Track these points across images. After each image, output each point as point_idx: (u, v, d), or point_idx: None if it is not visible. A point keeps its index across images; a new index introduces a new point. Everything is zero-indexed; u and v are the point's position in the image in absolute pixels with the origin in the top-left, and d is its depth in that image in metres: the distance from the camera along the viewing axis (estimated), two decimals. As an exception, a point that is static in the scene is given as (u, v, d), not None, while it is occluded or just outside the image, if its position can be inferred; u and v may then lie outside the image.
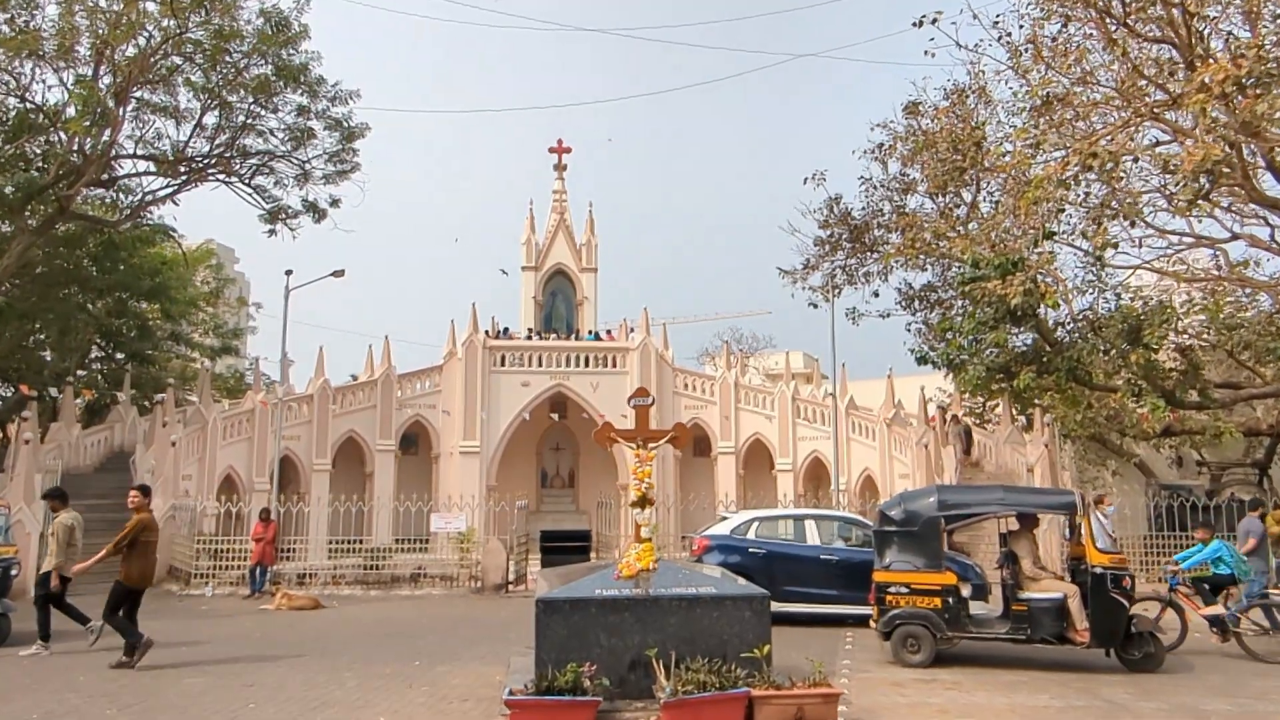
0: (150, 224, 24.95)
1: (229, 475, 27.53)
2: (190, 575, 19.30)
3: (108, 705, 8.32)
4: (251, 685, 9.18)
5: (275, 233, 25.42)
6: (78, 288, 26.33)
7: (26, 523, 18.21)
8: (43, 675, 9.91)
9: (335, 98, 23.45)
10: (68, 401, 24.81)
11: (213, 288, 37.07)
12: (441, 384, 33.32)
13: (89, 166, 20.92)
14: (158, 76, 21.58)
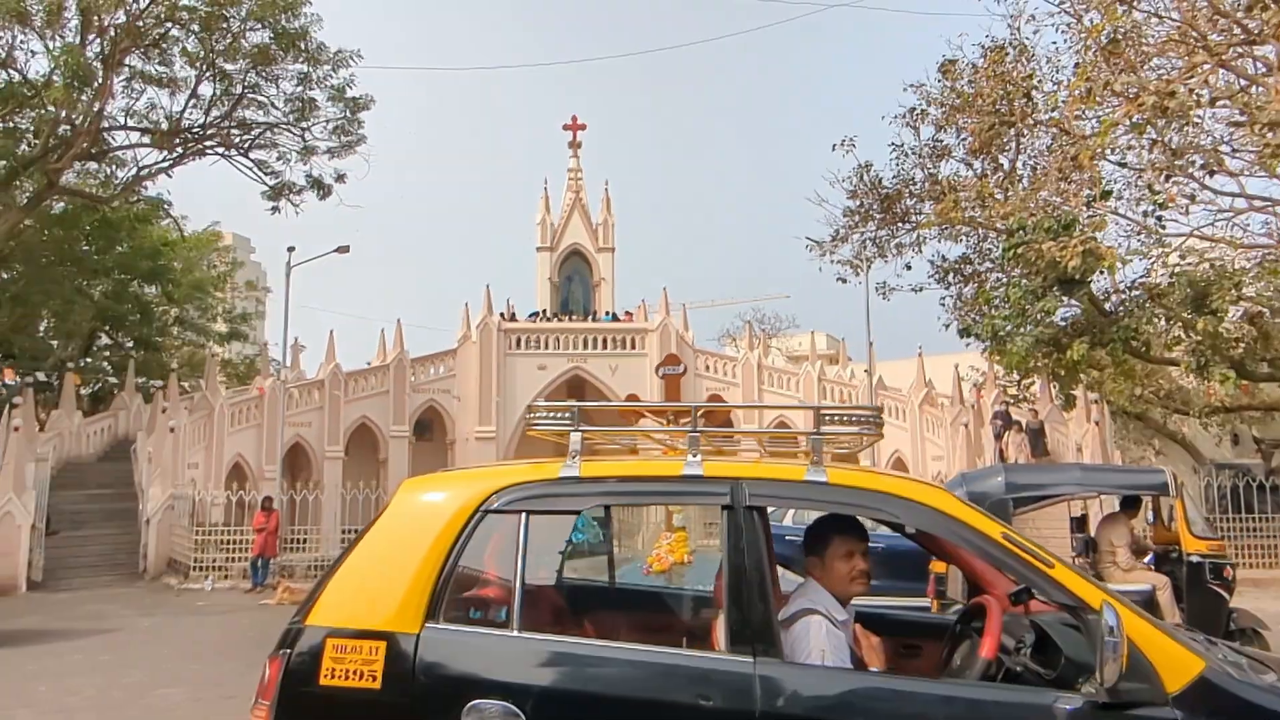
0: (145, 199, 23.90)
1: (237, 463, 26.62)
2: (189, 568, 18.34)
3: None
4: (233, 698, 8.05)
5: (279, 210, 24.31)
6: (74, 269, 25.40)
7: (16, 514, 17.28)
8: (2, 686, 8.86)
9: (337, 63, 22.21)
10: (67, 388, 23.93)
11: (220, 272, 36.14)
12: (456, 368, 32.27)
13: (78, 138, 19.87)
14: (149, 42, 20.43)
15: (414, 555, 2.55)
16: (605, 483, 2.74)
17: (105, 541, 20.29)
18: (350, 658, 2.44)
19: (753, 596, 2.43)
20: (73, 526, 20.04)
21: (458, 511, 2.61)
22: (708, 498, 2.69)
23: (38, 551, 17.98)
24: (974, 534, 2.48)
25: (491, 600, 2.84)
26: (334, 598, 2.61)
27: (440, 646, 2.44)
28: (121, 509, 21.35)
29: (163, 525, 19.81)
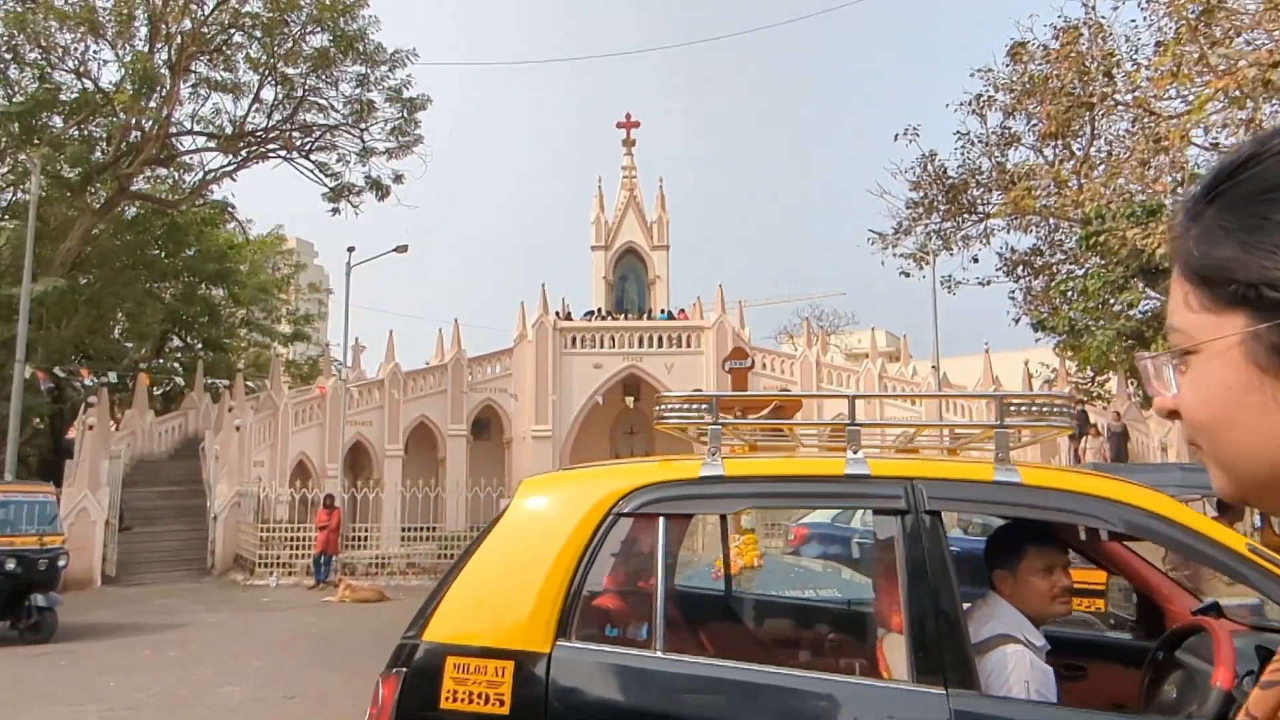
0: (211, 202, 24.47)
1: (301, 461, 27.06)
2: (255, 564, 18.61)
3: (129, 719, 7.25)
4: (294, 698, 7.99)
5: (339, 211, 24.68)
6: (146, 272, 26.16)
7: (91, 510, 17.74)
8: (73, 679, 8.97)
9: (394, 63, 22.38)
10: (140, 388, 24.62)
11: (284, 274, 36.93)
12: (512, 367, 32.31)
13: (148, 144, 20.38)
14: (214, 48, 20.85)
15: (540, 564, 2.27)
16: (754, 483, 2.46)
17: (175, 537, 20.77)
18: (474, 679, 2.19)
19: (941, 619, 2.11)
20: (145, 522, 20.56)
21: (587, 515, 2.33)
22: (877, 500, 2.38)
23: (111, 547, 18.46)
24: (1210, 545, 2.12)
25: (628, 615, 2.56)
26: (453, 611, 2.36)
27: (575, 668, 2.17)
28: (191, 506, 21.84)
29: (229, 522, 20.19)
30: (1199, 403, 0.59)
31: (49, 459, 26.19)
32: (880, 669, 2.37)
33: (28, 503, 12.19)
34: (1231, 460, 0.58)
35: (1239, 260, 0.56)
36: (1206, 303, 0.57)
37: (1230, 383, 0.56)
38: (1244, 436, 0.56)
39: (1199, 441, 0.60)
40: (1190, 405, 0.59)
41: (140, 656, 10.14)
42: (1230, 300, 0.56)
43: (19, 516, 11.92)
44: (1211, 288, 0.57)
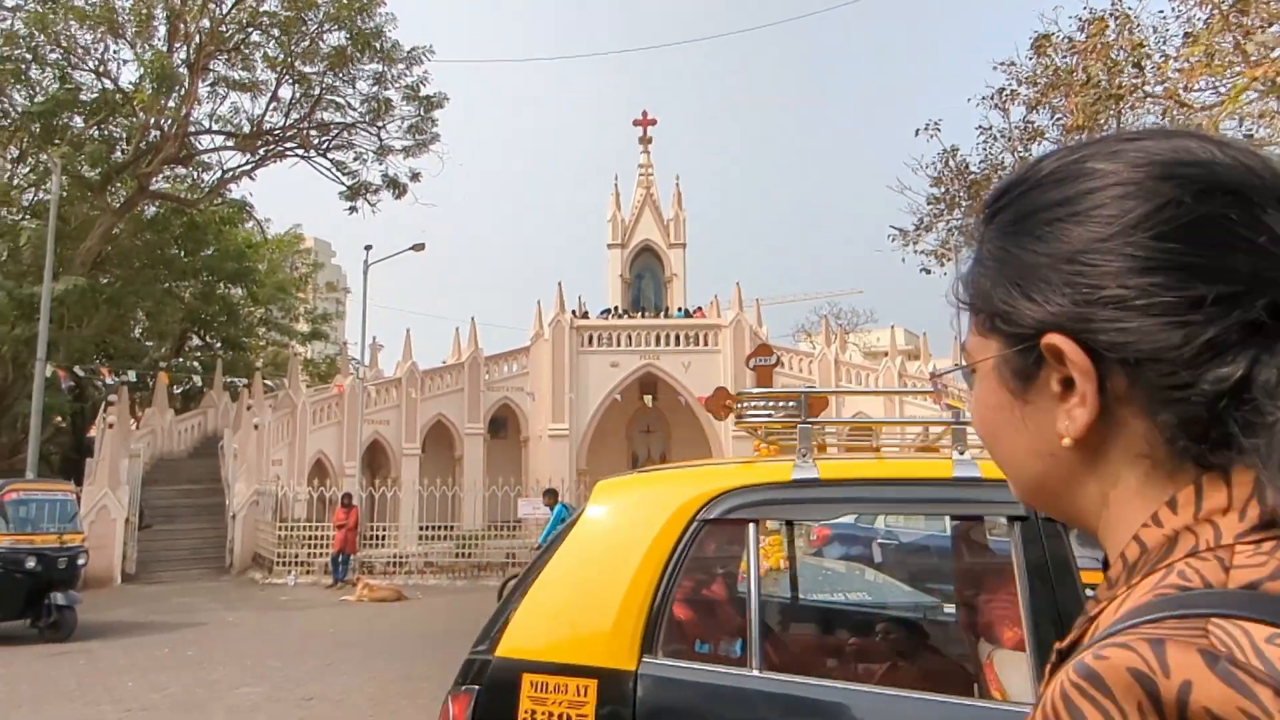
0: (230, 201, 24.54)
1: (319, 459, 27.11)
2: (273, 563, 18.61)
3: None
4: (311, 699, 7.89)
5: (356, 209, 24.67)
6: (165, 271, 26.29)
7: (111, 508, 17.80)
8: (91, 678, 8.93)
9: (410, 60, 22.33)
10: (160, 387, 24.73)
11: (302, 274, 37.07)
12: (529, 366, 32.25)
13: (167, 143, 20.44)
14: (231, 46, 20.88)
15: (621, 574, 2.10)
16: (852, 486, 2.29)
17: (194, 536, 20.82)
18: (554, 699, 2.02)
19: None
20: (164, 521, 20.63)
21: (670, 521, 2.15)
22: (991, 506, 2.21)
23: (131, 545, 18.52)
24: None
25: (718, 629, 2.40)
26: (528, 624, 2.18)
27: (665, 688, 1.99)
28: (210, 504, 21.90)
29: (248, 520, 20.22)
30: (976, 418, 0.64)
31: (71, 457, 26.38)
32: (991, 689, 2.18)
33: (48, 501, 12.20)
34: (1005, 470, 0.63)
35: (989, 290, 0.58)
36: (976, 325, 0.61)
37: (992, 403, 0.61)
38: (1006, 451, 0.61)
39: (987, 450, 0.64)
40: (973, 419, 0.64)
41: (158, 656, 10.10)
42: (988, 325, 0.59)
43: (39, 515, 11.92)
44: (976, 312, 0.61)
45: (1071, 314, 0.54)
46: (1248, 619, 0.44)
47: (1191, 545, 0.52)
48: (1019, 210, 0.59)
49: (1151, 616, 0.47)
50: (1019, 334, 0.57)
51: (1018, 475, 0.62)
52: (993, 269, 0.59)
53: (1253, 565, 0.48)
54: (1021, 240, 0.58)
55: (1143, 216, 0.53)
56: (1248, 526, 0.50)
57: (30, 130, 20.93)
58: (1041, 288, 0.56)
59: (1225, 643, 0.43)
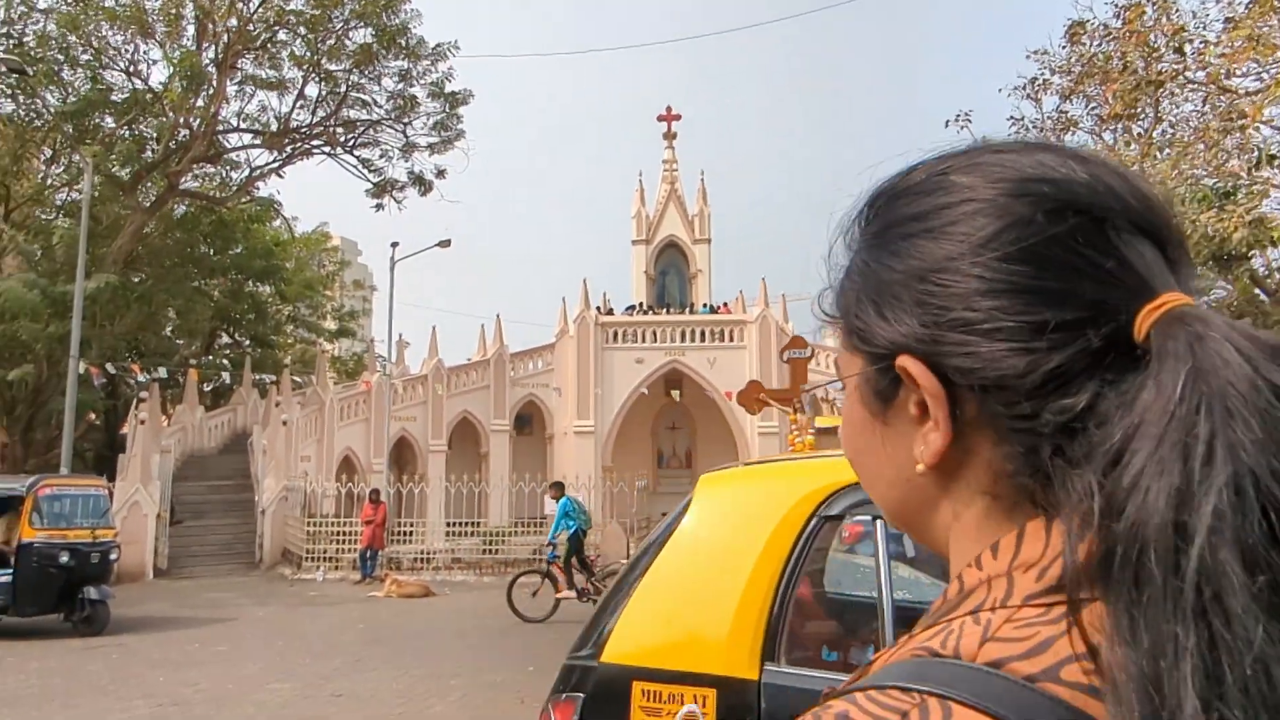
0: (259, 199, 24.73)
1: (347, 456, 27.27)
2: (302, 558, 18.71)
3: (177, 717, 7.15)
4: (340, 696, 7.84)
5: (382, 206, 24.75)
6: (194, 269, 26.57)
7: (143, 504, 17.97)
8: (124, 672, 8.96)
9: (435, 56, 22.33)
10: (190, 384, 24.98)
11: (329, 271, 37.35)
12: (554, 362, 32.22)
13: (195, 142, 20.61)
14: (259, 45, 21.01)
15: (736, 575, 1.95)
16: None
17: (225, 531, 21.00)
18: (669, 709, 1.89)
19: None
20: (195, 516, 20.83)
21: (787, 518, 2.00)
22: None
23: (163, 540, 18.70)
24: None
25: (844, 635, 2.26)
26: (635, 628, 2.03)
27: (792, 698, 1.83)
28: (240, 500, 22.09)
29: (277, 516, 20.35)
30: (843, 435, 0.59)
31: (104, 454, 26.74)
32: None
33: (81, 496, 12.29)
34: (868, 491, 0.59)
35: (850, 305, 0.56)
36: (843, 340, 0.58)
37: (855, 420, 0.57)
38: (868, 471, 0.58)
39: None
40: (841, 436, 0.60)
41: (189, 651, 10.13)
42: (851, 341, 0.56)
43: (73, 510, 12.01)
44: (838, 327, 0.58)
45: (921, 335, 0.51)
46: (959, 702, 0.42)
47: (981, 600, 0.48)
48: (883, 221, 0.56)
49: (884, 683, 0.45)
50: (875, 353, 0.54)
51: (879, 497, 0.58)
52: (856, 282, 0.56)
53: (1011, 639, 0.44)
54: (880, 254, 0.55)
55: (992, 235, 0.50)
56: (1042, 587, 0.46)
57: (63, 130, 21.19)
58: (894, 306, 0.53)
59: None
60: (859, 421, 0.57)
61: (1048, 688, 0.42)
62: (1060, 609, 0.45)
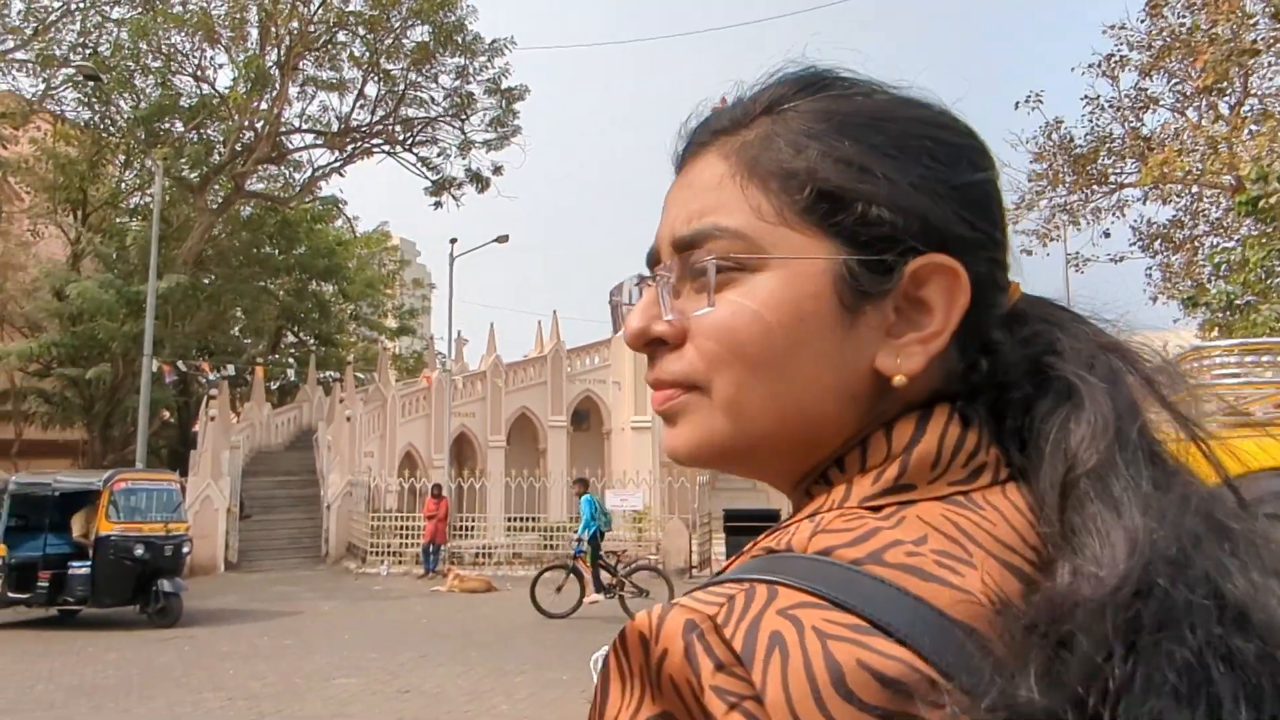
0: (323, 198, 25.18)
1: (409, 452, 27.58)
2: (366, 553, 18.90)
3: (246, 710, 7.13)
4: (407, 692, 7.75)
5: (441, 204, 24.91)
6: (260, 269, 27.17)
7: (214, 498, 18.36)
8: (195, 664, 9.04)
9: (492, 52, 22.37)
10: (258, 382, 25.53)
11: (390, 270, 37.89)
12: (611, 358, 32.10)
13: (260, 143, 21.00)
14: (319, 46, 21.32)
15: None
16: None
17: (291, 526, 21.37)
18: None
19: None
20: (263, 511, 21.24)
21: None
22: None
23: (233, 534, 19.09)
24: None
25: None
26: None
27: None
28: (305, 495, 22.47)
29: (342, 511, 20.62)
30: (752, 326, 0.49)
31: (178, 450, 27.55)
32: None
33: (154, 490, 12.54)
34: (758, 404, 0.50)
35: (850, 179, 0.50)
36: (791, 214, 0.51)
37: (806, 313, 0.49)
38: (795, 378, 0.50)
39: (721, 376, 0.50)
40: (734, 326, 0.50)
41: (258, 644, 10.20)
42: (820, 218, 0.50)
43: (147, 504, 12.26)
44: (801, 196, 0.51)
45: (965, 242, 0.51)
46: (785, 584, 0.43)
47: (820, 505, 0.50)
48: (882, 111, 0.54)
49: (726, 576, 0.46)
50: (891, 243, 0.50)
51: (787, 413, 0.50)
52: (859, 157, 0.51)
53: (838, 530, 0.46)
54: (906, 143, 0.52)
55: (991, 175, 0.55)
56: (879, 489, 0.48)
57: (135, 136, 21.82)
58: (940, 203, 0.51)
59: (732, 610, 0.42)
60: (818, 315, 0.49)
61: (871, 568, 0.43)
62: (891, 508, 0.47)
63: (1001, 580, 0.44)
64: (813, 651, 0.39)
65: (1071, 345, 0.52)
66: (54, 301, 22.46)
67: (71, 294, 20.98)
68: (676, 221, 0.54)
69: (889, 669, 0.39)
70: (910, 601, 0.42)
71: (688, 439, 0.53)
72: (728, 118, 0.56)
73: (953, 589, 0.43)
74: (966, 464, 0.49)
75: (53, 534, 12.28)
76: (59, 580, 11.64)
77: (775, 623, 0.41)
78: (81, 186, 23.57)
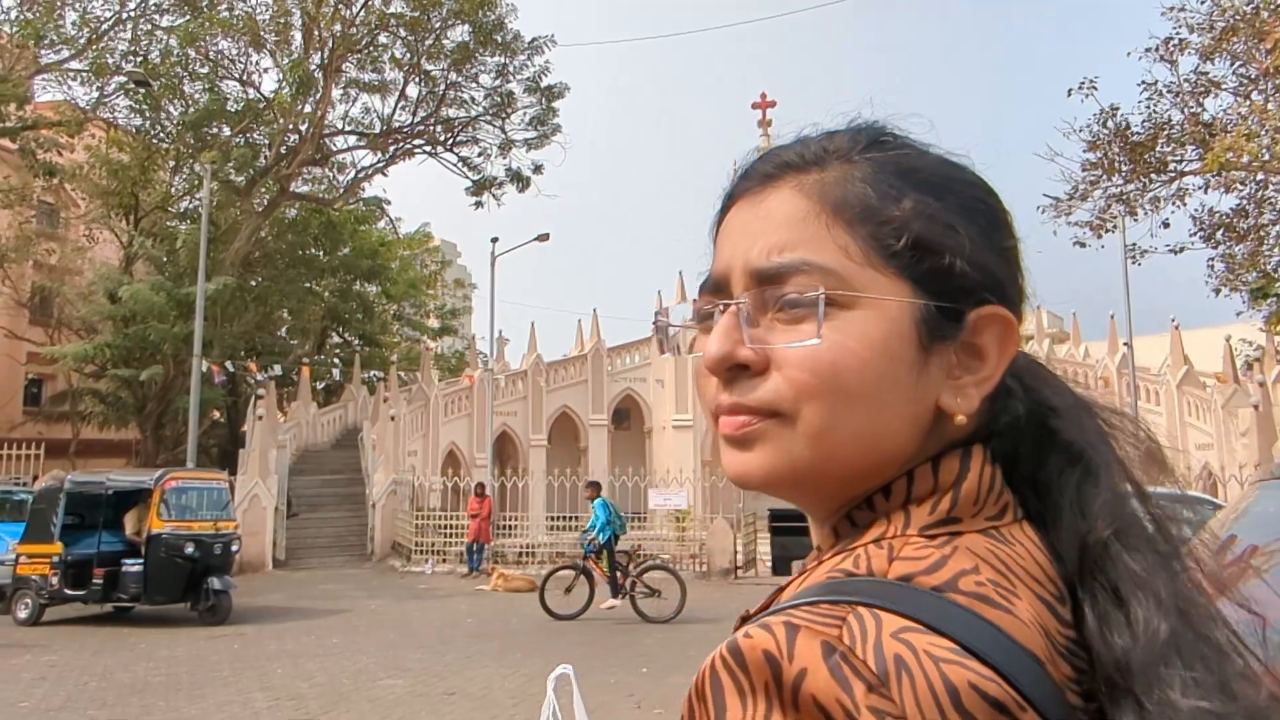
0: (367, 199, 25.44)
1: (451, 450, 27.72)
2: (411, 551, 18.99)
3: (293, 712, 7.09)
4: (453, 694, 7.65)
5: (482, 204, 24.96)
6: (305, 270, 27.53)
7: (262, 497, 18.58)
8: (244, 662, 9.07)
9: (532, 50, 22.34)
10: (304, 381, 25.86)
11: (431, 271, 38.20)
12: (651, 356, 31.93)
13: (304, 145, 21.24)
14: (361, 48, 21.49)
15: None
16: None
17: (338, 524, 21.58)
18: None
19: None
20: (310, 509, 21.48)
21: None
22: None
23: (281, 532, 19.32)
24: None
25: None
26: None
27: None
28: (351, 493, 22.68)
29: (386, 509, 20.75)
30: (850, 360, 0.52)
31: (228, 450, 28.07)
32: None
33: (204, 489, 12.68)
34: (852, 434, 0.53)
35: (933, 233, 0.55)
36: (877, 259, 0.54)
37: (894, 352, 0.54)
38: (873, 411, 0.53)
39: (811, 406, 0.53)
40: (833, 360, 0.52)
41: (305, 642, 10.22)
42: (902, 266, 0.54)
43: (197, 503, 12.39)
44: (892, 247, 0.54)
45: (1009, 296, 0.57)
46: (886, 610, 0.46)
47: (882, 531, 0.53)
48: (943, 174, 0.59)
49: (810, 599, 0.48)
50: (961, 293, 0.55)
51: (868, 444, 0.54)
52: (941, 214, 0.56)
53: (913, 558, 0.50)
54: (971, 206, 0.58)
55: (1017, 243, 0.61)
56: (935, 519, 0.53)
57: (184, 140, 22.22)
58: (996, 260, 0.57)
59: (854, 633, 0.45)
60: (902, 355, 0.53)
61: (952, 597, 0.48)
62: (944, 537, 0.52)
63: (1037, 609, 0.49)
64: (931, 674, 0.43)
65: (1060, 402, 0.59)
66: (107, 304, 22.98)
67: (124, 296, 21.45)
68: (753, 252, 0.55)
69: (991, 690, 0.43)
70: (990, 628, 0.46)
71: (763, 464, 0.54)
72: (796, 153, 0.58)
73: (1013, 616, 0.47)
74: (997, 502, 0.54)
75: (107, 532, 12.48)
76: (112, 577, 11.82)
77: (894, 646, 0.44)
78: (133, 191, 24.09)
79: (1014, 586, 0.49)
